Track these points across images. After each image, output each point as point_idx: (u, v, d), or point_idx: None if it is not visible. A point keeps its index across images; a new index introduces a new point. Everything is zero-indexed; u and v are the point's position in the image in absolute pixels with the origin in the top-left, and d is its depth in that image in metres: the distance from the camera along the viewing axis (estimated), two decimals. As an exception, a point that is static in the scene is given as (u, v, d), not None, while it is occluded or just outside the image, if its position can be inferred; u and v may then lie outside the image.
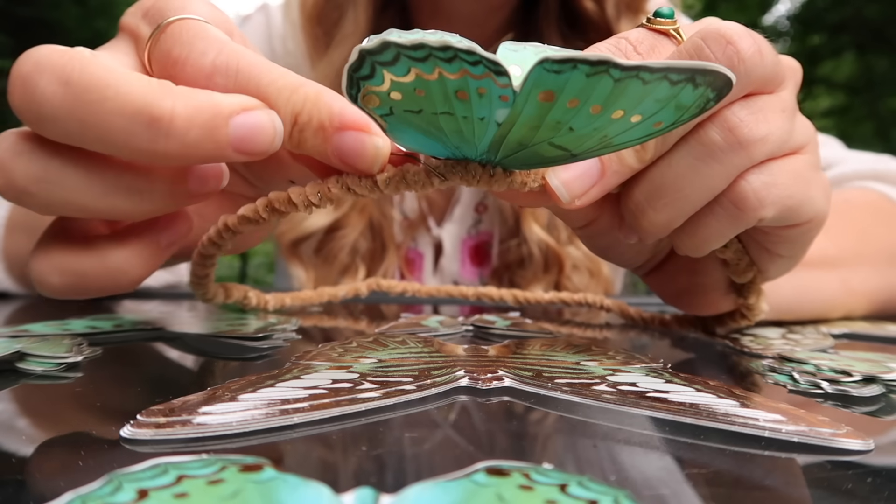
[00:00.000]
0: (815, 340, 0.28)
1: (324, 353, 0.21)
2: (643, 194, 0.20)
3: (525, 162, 0.18)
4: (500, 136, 0.16)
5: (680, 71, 0.14)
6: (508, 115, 0.15)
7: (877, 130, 4.11)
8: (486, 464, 0.12)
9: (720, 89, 0.15)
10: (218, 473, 0.11)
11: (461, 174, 0.18)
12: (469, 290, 0.39)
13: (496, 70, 0.14)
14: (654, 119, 0.16)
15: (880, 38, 3.94)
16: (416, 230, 0.56)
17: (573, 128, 0.16)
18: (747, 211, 0.20)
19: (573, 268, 0.54)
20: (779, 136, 0.20)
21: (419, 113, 0.16)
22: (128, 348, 0.24)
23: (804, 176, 0.21)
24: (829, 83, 4.61)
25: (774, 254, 0.23)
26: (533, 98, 0.15)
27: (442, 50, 0.14)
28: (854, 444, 0.14)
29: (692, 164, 0.19)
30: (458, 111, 0.16)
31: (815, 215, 0.22)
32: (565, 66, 0.14)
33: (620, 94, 0.14)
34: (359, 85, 0.16)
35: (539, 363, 0.20)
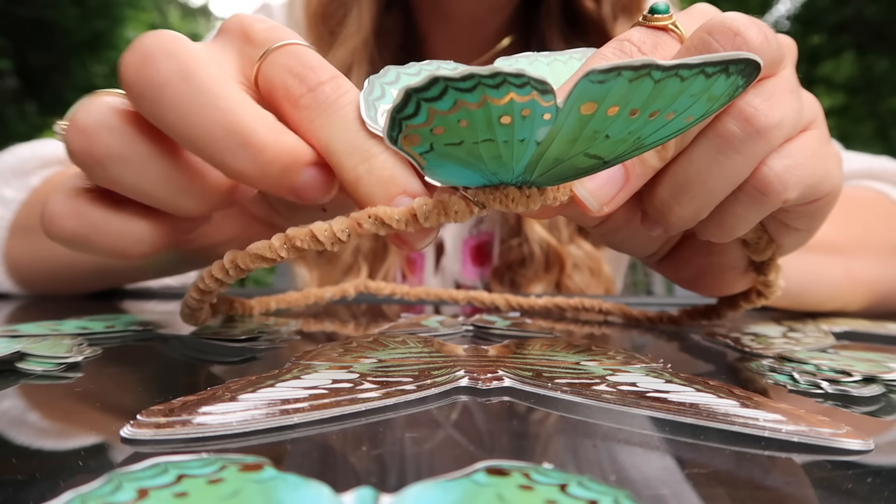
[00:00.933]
0: (816, 339, 0.28)
1: (324, 353, 0.21)
2: (667, 191, 0.21)
3: (559, 177, 0.18)
4: (538, 154, 0.16)
5: (715, 64, 0.14)
6: (549, 132, 0.15)
7: (877, 130, 4.11)
8: (487, 464, 0.12)
9: (749, 75, 0.15)
10: (218, 473, 0.11)
11: (501, 199, 0.18)
12: (459, 294, 0.38)
13: (542, 89, 0.14)
14: (686, 114, 0.16)
15: (880, 38, 3.94)
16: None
17: (610, 135, 0.16)
18: (772, 195, 0.20)
19: (574, 267, 0.54)
20: (792, 117, 0.20)
21: (459, 145, 0.16)
22: (128, 348, 0.24)
23: (820, 151, 0.21)
24: (829, 83, 4.61)
25: (792, 228, 0.24)
26: (575, 111, 0.15)
27: (491, 77, 0.13)
28: (854, 444, 0.14)
29: (713, 158, 0.19)
30: (499, 136, 0.15)
31: (833, 188, 0.22)
32: (609, 75, 0.14)
33: (658, 94, 0.15)
34: (401, 125, 0.16)
35: (539, 363, 0.20)
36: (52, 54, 3.35)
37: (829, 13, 4.41)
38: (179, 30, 2.22)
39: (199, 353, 0.24)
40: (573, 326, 0.33)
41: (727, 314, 0.30)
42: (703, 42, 0.19)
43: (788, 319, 0.34)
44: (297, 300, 0.35)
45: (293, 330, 0.27)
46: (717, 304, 0.30)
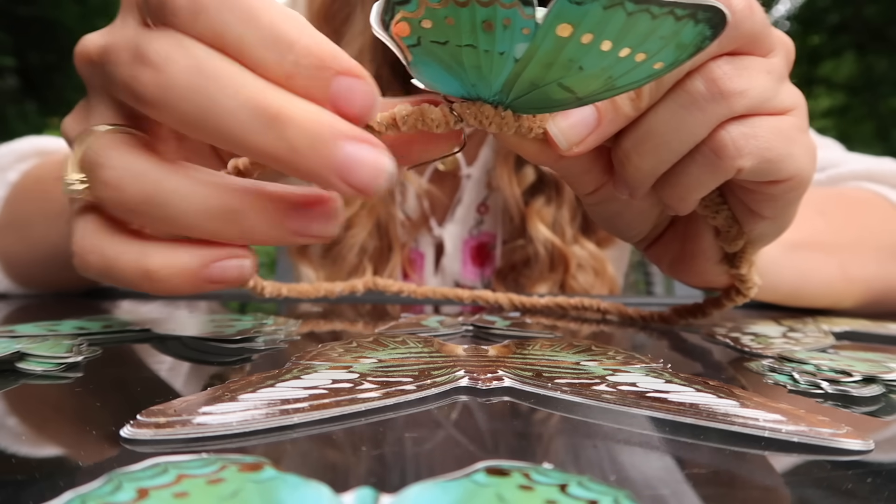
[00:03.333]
0: (815, 339, 0.28)
1: (324, 353, 0.21)
2: (630, 141, 0.21)
3: (534, 105, 0.19)
4: (514, 73, 0.17)
5: (684, 6, 0.15)
6: (527, 49, 0.16)
7: (877, 130, 4.11)
8: (487, 464, 0.12)
9: (716, 26, 0.16)
10: (218, 473, 0.11)
11: (475, 114, 0.19)
12: (465, 293, 0.39)
13: (525, 1, 0.15)
14: (656, 59, 0.17)
15: (880, 38, 3.94)
16: (418, 230, 0.56)
17: (583, 67, 0.17)
18: (725, 159, 0.21)
19: (578, 267, 0.54)
20: (760, 92, 0.20)
21: (444, 45, 0.17)
22: (127, 349, 0.24)
23: (786, 133, 0.22)
24: (829, 83, 4.61)
25: (758, 215, 0.24)
26: (552, 32, 0.16)
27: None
28: (854, 444, 0.14)
29: (676, 112, 0.20)
30: (481, 44, 0.16)
31: (797, 173, 0.22)
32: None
33: (630, 28, 0.15)
34: (394, 10, 0.16)
35: (539, 363, 0.20)
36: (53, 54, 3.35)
37: (828, 13, 4.41)
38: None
39: (198, 354, 0.24)
40: (574, 325, 0.33)
41: (712, 312, 0.31)
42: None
43: (788, 319, 0.34)
44: (308, 292, 0.36)
45: (293, 330, 0.27)
46: (703, 303, 0.31)
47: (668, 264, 0.29)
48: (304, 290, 0.36)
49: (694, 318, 0.31)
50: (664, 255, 0.29)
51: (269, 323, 0.28)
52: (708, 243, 0.27)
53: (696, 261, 0.28)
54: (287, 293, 0.34)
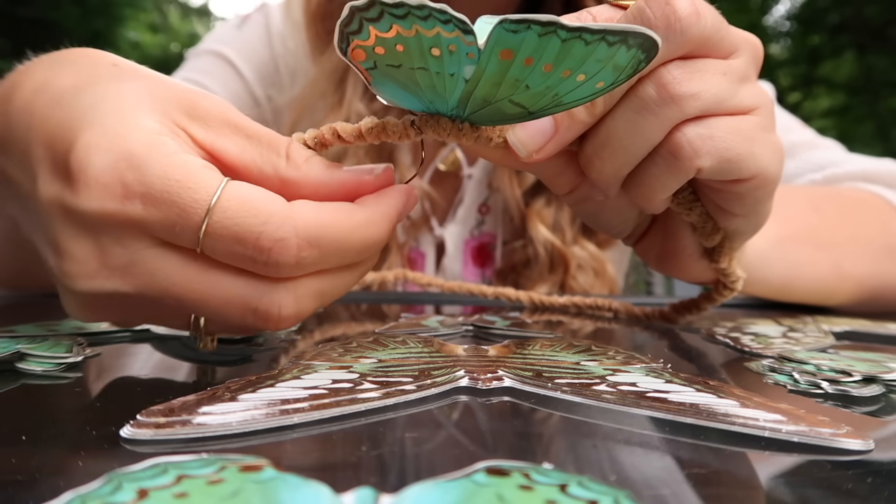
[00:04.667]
0: (815, 339, 0.28)
1: (324, 353, 0.21)
2: (591, 147, 0.22)
3: (489, 118, 0.20)
4: (467, 92, 0.18)
5: (615, 33, 0.16)
6: (474, 71, 0.17)
7: (877, 130, 4.11)
8: (487, 464, 0.12)
9: (648, 50, 0.17)
10: (218, 473, 0.11)
11: (433, 127, 0.20)
12: (488, 289, 0.40)
13: (464, 28, 0.16)
14: (597, 79, 0.18)
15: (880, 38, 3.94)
16: (419, 230, 0.56)
17: (529, 85, 0.18)
18: (683, 160, 0.21)
19: (578, 268, 0.54)
20: (714, 93, 0.21)
21: (399, 67, 0.18)
22: (127, 349, 0.24)
23: (747, 133, 0.22)
24: (829, 83, 4.61)
25: (729, 212, 0.25)
26: (495, 55, 0.17)
27: (419, 8, 0.16)
28: (854, 444, 0.14)
29: (631, 117, 0.21)
30: (431, 67, 0.17)
31: (760, 172, 0.23)
32: (521, 27, 0.16)
33: (567, 53, 0.16)
34: (348, 39, 0.17)
35: (539, 363, 0.20)
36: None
37: (828, 13, 4.42)
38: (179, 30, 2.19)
39: (198, 354, 0.24)
40: (579, 323, 0.33)
41: (706, 307, 0.31)
42: (639, 9, 0.20)
43: (788, 319, 0.34)
44: None
45: (293, 330, 0.27)
46: (697, 298, 0.32)
47: (654, 260, 0.30)
48: None
49: (690, 313, 0.32)
50: (650, 250, 0.29)
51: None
52: (687, 239, 0.27)
53: (678, 256, 0.28)
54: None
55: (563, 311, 0.37)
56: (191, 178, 0.17)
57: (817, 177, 0.49)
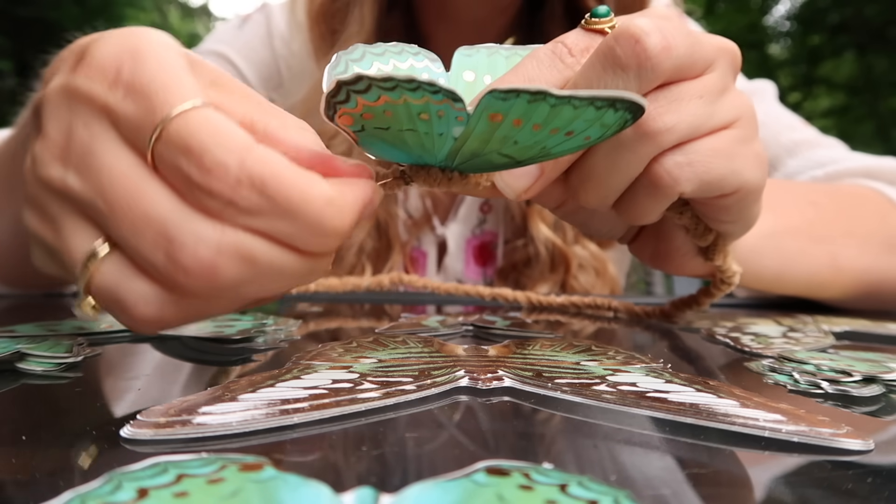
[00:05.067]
0: (815, 339, 0.28)
1: (324, 354, 0.21)
2: (576, 179, 0.23)
3: (478, 167, 0.20)
4: (455, 148, 0.19)
5: (603, 99, 0.16)
6: (463, 131, 0.18)
7: (877, 130, 4.11)
8: (487, 463, 0.12)
9: (635, 112, 0.17)
10: (218, 472, 0.11)
11: (424, 177, 0.21)
12: (485, 290, 0.40)
13: (453, 98, 0.16)
14: (584, 134, 0.18)
15: (880, 38, 3.94)
16: (421, 229, 0.56)
17: (517, 141, 0.18)
18: (663, 188, 0.22)
19: (579, 267, 0.54)
20: (689, 122, 0.21)
21: (387, 129, 0.18)
22: (127, 349, 0.24)
23: (725, 151, 0.22)
24: (829, 83, 4.61)
25: (719, 221, 0.25)
26: (484, 118, 0.17)
27: (408, 82, 0.16)
28: (854, 444, 0.14)
29: (609, 154, 0.21)
30: (420, 129, 0.18)
31: (742, 186, 0.23)
32: (510, 95, 0.16)
33: (555, 116, 0.17)
34: (335, 108, 0.17)
35: (539, 363, 0.20)
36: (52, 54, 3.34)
37: (829, 13, 4.42)
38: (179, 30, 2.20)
39: (198, 354, 0.24)
40: (579, 323, 0.33)
41: (705, 302, 0.31)
42: (609, 47, 0.20)
43: (788, 319, 0.34)
44: (336, 286, 0.37)
45: (293, 330, 0.27)
46: (696, 294, 0.32)
47: (649, 258, 0.30)
48: (331, 284, 0.37)
49: (690, 308, 0.32)
50: (644, 250, 0.30)
51: (270, 323, 0.28)
52: (680, 240, 0.28)
53: (672, 255, 0.28)
54: (315, 288, 0.35)
55: (563, 311, 0.37)
56: (174, 85, 0.17)
57: (818, 174, 0.49)
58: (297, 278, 0.18)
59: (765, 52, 4.54)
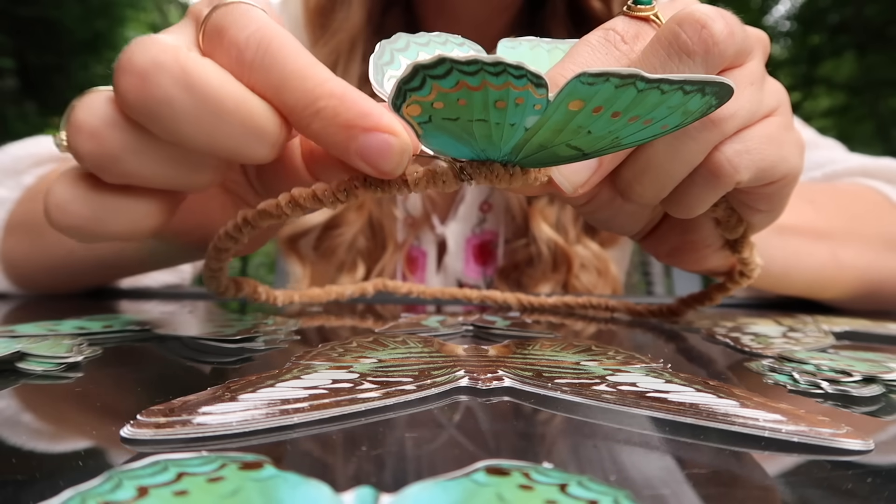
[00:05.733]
0: (815, 339, 0.28)
1: (324, 354, 0.21)
2: (631, 172, 0.22)
3: (541, 161, 0.19)
4: (524, 139, 0.18)
5: (694, 83, 0.16)
6: (538, 121, 0.17)
7: (877, 130, 4.11)
8: (486, 463, 0.12)
9: (722, 97, 0.17)
10: (218, 471, 0.11)
11: (485, 174, 0.19)
12: (473, 293, 0.39)
13: (537, 83, 0.15)
14: (663, 122, 0.17)
15: (880, 38, 3.93)
16: (420, 228, 0.56)
17: (591, 131, 0.17)
18: (724, 178, 0.22)
19: (581, 267, 0.54)
20: (748, 108, 0.21)
21: (456, 120, 0.17)
22: (128, 349, 0.24)
23: (776, 138, 0.22)
24: (830, 83, 4.61)
25: (755, 209, 0.25)
26: (563, 106, 0.16)
27: (493, 65, 0.15)
28: (854, 444, 0.14)
29: (670, 143, 0.21)
30: (492, 118, 0.17)
31: (789, 172, 0.23)
32: (599, 79, 0.15)
33: (640, 101, 0.16)
34: (406, 95, 0.17)
35: (539, 363, 0.20)
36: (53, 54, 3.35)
37: (829, 13, 4.41)
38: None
39: (198, 354, 0.24)
40: (579, 323, 0.33)
41: (718, 297, 0.31)
42: (673, 33, 0.20)
43: (788, 319, 0.34)
44: (319, 296, 0.37)
45: (292, 330, 0.27)
46: (709, 290, 0.32)
47: (666, 254, 0.30)
48: (315, 294, 0.37)
49: (701, 304, 0.32)
50: (661, 245, 0.29)
51: (269, 323, 0.28)
52: (709, 232, 0.28)
53: (697, 249, 0.28)
54: (299, 299, 0.35)
55: (560, 312, 0.37)
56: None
57: (816, 174, 0.49)
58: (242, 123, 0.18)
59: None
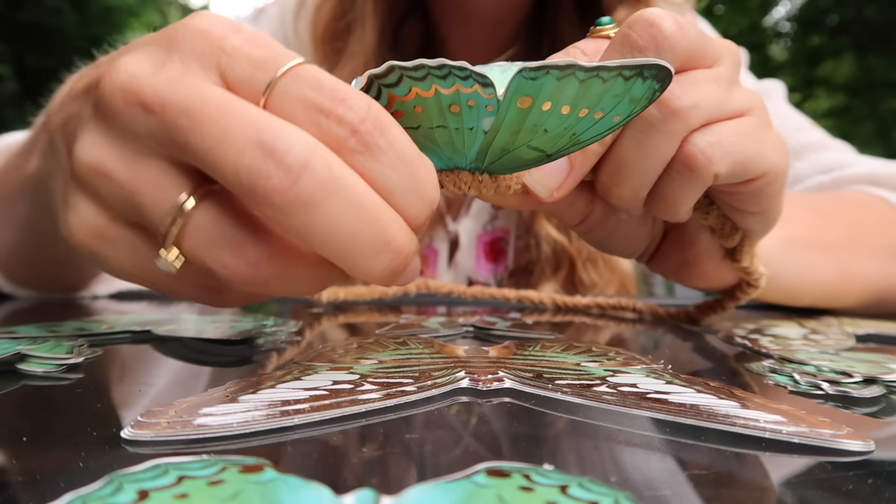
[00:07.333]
0: (836, 341, 0.28)
1: (324, 355, 0.21)
2: (606, 175, 0.23)
3: (508, 166, 0.20)
4: (486, 143, 0.19)
5: (630, 68, 0.17)
6: (493, 122, 0.18)
7: (877, 131, 4.11)
8: (487, 465, 0.12)
9: (663, 80, 0.17)
10: (218, 474, 0.11)
11: (454, 181, 0.20)
12: (511, 293, 0.40)
13: (483, 82, 0.16)
14: (613, 113, 0.18)
15: (880, 38, 3.94)
16: (433, 228, 0.56)
17: (548, 129, 0.18)
18: (699, 170, 0.22)
19: (588, 260, 0.54)
20: (711, 101, 0.21)
21: (417, 129, 0.18)
22: (128, 350, 0.24)
23: (750, 134, 0.22)
24: (829, 84, 4.61)
25: (746, 212, 0.25)
26: (514, 104, 0.17)
27: (438, 69, 0.16)
28: (855, 445, 0.14)
29: (639, 139, 0.21)
30: (450, 124, 0.18)
31: (770, 168, 0.23)
32: (540, 73, 0.16)
33: (585, 92, 0.17)
34: None
35: (539, 364, 0.20)
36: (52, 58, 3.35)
37: (828, 14, 4.42)
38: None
39: (198, 355, 0.24)
40: (580, 322, 0.33)
41: (730, 306, 0.31)
42: (625, 35, 0.21)
43: (812, 321, 0.34)
44: (364, 294, 0.38)
45: (293, 331, 0.27)
46: (721, 299, 0.32)
47: (673, 272, 0.30)
48: (359, 292, 0.38)
49: (715, 312, 0.32)
50: (667, 263, 0.29)
51: (270, 324, 0.28)
52: (706, 243, 0.27)
53: (699, 263, 0.28)
54: (344, 296, 0.36)
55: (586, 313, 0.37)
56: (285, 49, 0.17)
57: (825, 179, 0.49)
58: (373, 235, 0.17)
59: (765, 54, 4.55)
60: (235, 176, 0.16)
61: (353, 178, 0.16)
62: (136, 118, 0.17)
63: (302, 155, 0.16)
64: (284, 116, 0.16)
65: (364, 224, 0.16)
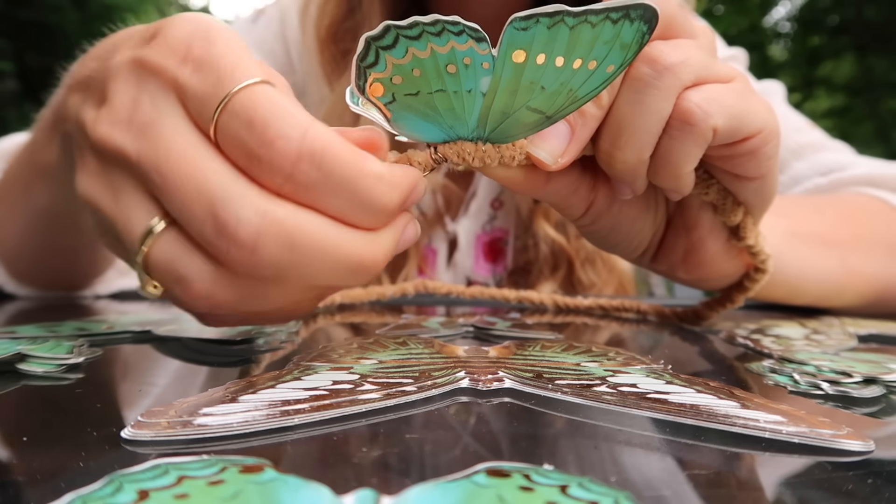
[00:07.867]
0: (838, 341, 0.28)
1: (324, 355, 0.21)
2: (607, 141, 0.23)
3: (509, 133, 0.20)
4: (485, 107, 0.19)
5: (617, 9, 0.17)
6: (491, 82, 0.18)
7: (877, 131, 4.11)
8: (487, 465, 0.12)
9: (650, 21, 0.18)
10: (218, 474, 0.11)
11: (458, 152, 0.21)
12: (511, 294, 0.39)
13: (476, 37, 0.17)
14: (606, 63, 0.19)
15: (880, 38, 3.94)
16: (432, 228, 0.56)
17: (544, 86, 0.19)
18: (698, 123, 0.22)
19: (586, 260, 0.54)
20: (698, 60, 0.22)
21: (417, 95, 0.18)
22: (127, 350, 0.24)
23: (739, 92, 0.23)
24: (829, 84, 4.61)
25: (744, 177, 0.25)
26: (509, 59, 0.18)
27: (432, 24, 0.16)
28: (855, 445, 0.14)
29: (635, 98, 0.22)
30: (449, 86, 0.18)
31: (764, 125, 0.24)
32: (530, 22, 0.17)
33: (576, 41, 0.18)
34: (366, 74, 0.18)
35: (540, 364, 0.20)
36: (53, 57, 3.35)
37: (828, 14, 4.42)
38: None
39: (198, 355, 0.24)
40: (581, 322, 0.33)
41: (739, 299, 0.31)
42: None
43: (813, 321, 0.34)
44: (360, 296, 0.38)
45: (293, 331, 0.27)
46: (729, 290, 0.31)
47: (680, 265, 0.29)
48: (356, 294, 0.37)
49: (724, 307, 0.32)
50: (672, 256, 0.29)
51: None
52: (710, 223, 0.27)
53: (705, 248, 0.28)
54: (341, 300, 0.36)
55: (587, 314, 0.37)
56: (241, 63, 0.18)
57: (823, 181, 0.49)
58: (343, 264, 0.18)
59: (765, 54, 4.55)
60: (203, 241, 0.17)
61: (307, 223, 0.17)
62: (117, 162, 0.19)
63: (251, 226, 0.17)
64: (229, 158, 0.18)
65: (330, 261, 0.18)
